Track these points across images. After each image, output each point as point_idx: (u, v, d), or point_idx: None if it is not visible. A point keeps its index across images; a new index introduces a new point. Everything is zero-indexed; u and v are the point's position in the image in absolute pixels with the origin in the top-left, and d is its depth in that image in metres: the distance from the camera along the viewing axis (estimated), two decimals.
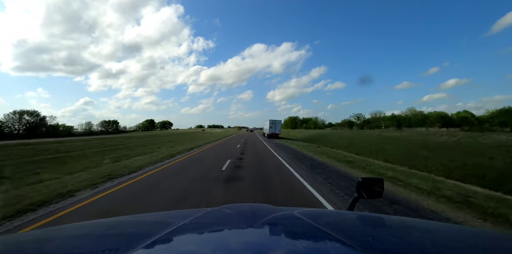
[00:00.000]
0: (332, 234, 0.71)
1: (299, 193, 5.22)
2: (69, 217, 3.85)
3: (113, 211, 4.04)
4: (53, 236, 0.87)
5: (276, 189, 5.44)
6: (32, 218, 3.79)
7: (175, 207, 4.16)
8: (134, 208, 4.22)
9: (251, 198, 4.73)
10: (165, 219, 1.09)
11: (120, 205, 4.42)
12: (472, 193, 5.19)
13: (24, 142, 27.20)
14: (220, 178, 6.53)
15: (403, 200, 4.78)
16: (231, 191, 5.27)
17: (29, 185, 5.87)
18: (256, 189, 5.35)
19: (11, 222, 3.66)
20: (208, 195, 4.91)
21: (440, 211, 4.17)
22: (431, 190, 5.36)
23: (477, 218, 3.84)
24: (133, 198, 4.81)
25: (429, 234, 0.82)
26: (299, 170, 7.98)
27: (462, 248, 0.71)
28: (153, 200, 4.60)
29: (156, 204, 4.38)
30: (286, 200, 4.66)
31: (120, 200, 4.71)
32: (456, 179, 6.92)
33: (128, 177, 6.84)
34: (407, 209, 4.23)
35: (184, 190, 5.29)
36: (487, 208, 4.15)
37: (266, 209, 1.17)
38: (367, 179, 1.21)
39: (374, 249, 0.62)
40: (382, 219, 1.11)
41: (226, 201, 4.36)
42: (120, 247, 0.66)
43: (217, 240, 0.76)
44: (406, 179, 6.43)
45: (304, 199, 4.73)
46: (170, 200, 4.59)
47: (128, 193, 5.18)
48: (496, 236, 0.90)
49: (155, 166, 8.97)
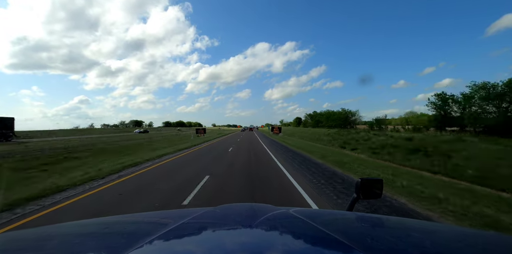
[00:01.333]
0: (331, 234, 0.71)
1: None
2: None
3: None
4: (51, 234, 0.88)
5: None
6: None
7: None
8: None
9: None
10: (162, 218, 1.09)
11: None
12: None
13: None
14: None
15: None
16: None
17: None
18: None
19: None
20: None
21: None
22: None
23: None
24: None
25: (427, 234, 0.82)
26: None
27: (461, 248, 0.71)
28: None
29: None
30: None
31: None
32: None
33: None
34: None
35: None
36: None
37: (264, 209, 1.16)
38: (367, 179, 1.21)
39: (373, 249, 0.62)
40: (381, 220, 1.12)
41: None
42: (117, 246, 0.66)
43: (214, 239, 0.76)
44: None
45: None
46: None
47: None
48: (495, 237, 0.90)
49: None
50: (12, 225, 3.51)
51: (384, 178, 6.12)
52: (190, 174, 7.06)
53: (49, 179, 6.50)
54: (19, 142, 23.48)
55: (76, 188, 5.61)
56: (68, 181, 6.12)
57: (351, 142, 17.11)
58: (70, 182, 5.99)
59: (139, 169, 8.08)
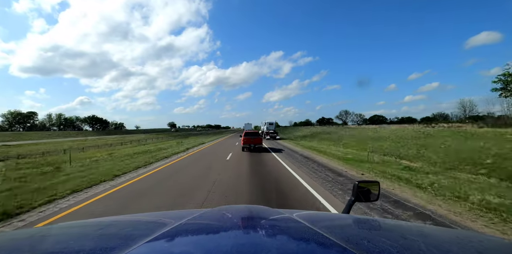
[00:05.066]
0: (329, 237, 0.71)
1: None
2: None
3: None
4: (47, 234, 0.87)
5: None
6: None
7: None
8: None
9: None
10: (160, 219, 1.07)
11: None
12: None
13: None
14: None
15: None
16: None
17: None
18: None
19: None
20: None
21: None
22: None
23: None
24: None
25: (424, 237, 0.83)
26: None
27: (457, 251, 0.71)
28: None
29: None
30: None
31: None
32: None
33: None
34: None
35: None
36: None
37: (263, 211, 1.16)
38: (363, 182, 1.23)
39: (370, 252, 0.62)
40: (378, 222, 1.12)
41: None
42: (115, 246, 0.65)
43: (212, 241, 0.75)
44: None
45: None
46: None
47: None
48: (491, 240, 0.91)
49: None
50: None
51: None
52: None
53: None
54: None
55: None
56: None
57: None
58: None
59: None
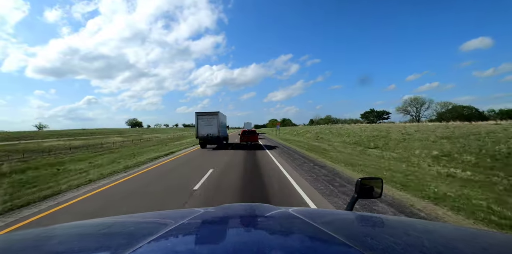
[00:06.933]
0: (331, 233, 0.71)
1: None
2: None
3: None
4: (52, 235, 0.88)
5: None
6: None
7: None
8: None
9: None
10: (162, 218, 1.08)
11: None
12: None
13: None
14: None
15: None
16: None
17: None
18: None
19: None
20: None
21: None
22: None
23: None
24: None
25: (428, 234, 0.82)
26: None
27: (461, 248, 0.71)
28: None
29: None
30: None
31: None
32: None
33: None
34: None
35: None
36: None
37: (264, 208, 1.17)
38: (366, 179, 1.21)
39: (373, 249, 0.61)
40: (381, 219, 1.11)
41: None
42: (119, 245, 0.66)
43: (215, 240, 0.75)
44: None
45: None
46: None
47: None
48: (495, 236, 0.91)
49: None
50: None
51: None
52: None
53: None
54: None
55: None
56: None
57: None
58: None
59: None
